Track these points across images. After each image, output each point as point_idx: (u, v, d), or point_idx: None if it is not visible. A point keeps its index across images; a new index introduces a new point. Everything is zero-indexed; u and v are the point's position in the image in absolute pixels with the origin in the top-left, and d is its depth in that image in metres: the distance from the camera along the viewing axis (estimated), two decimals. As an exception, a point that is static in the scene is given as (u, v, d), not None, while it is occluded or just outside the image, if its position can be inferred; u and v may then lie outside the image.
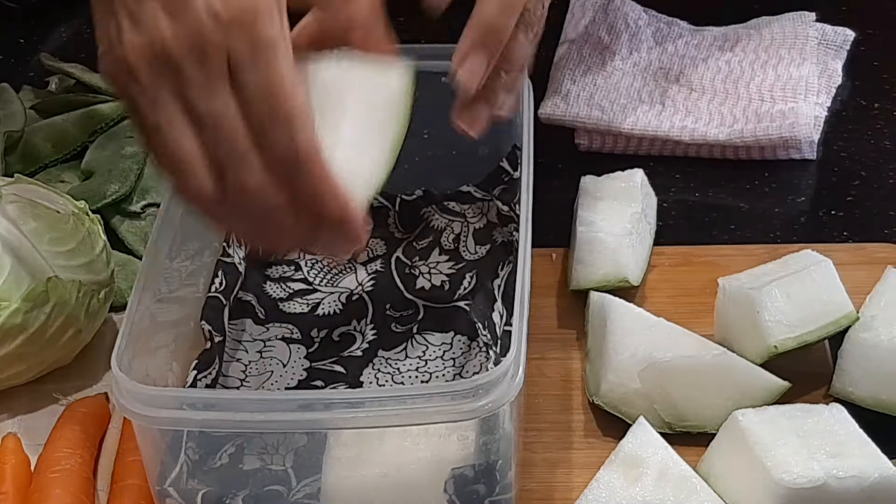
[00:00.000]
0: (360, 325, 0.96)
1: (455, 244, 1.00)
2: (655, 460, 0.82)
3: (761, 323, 0.88)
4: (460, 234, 1.01)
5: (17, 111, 1.14)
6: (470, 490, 0.79)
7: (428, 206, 1.02)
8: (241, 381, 0.92)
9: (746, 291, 0.90)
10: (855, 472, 0.79)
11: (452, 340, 0.94)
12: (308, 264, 1.00)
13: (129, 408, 0.75)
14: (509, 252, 0.95)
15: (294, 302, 0.97)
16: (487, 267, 0.97)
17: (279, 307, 0.97)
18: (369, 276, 0.99)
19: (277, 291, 0.98)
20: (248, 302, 0.97)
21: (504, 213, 0.97)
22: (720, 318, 0.93)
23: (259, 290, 0.98)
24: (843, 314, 0.90)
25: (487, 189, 1.00)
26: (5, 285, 0.89)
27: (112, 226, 1.06)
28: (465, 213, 1.01)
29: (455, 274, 0.98)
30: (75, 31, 1.32)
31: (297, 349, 0.94)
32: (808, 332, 0.89)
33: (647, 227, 1.01)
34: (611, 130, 1.12)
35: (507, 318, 0.87)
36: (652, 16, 1.22)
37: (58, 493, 0.84)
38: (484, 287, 0.95)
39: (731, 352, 0.89)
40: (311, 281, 0.99)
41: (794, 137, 1.09)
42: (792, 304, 0.89)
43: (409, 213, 1.01)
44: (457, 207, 1.01)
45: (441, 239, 1.01)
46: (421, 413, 0.74)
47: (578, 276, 0.97)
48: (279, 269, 1.00)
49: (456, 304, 0.96)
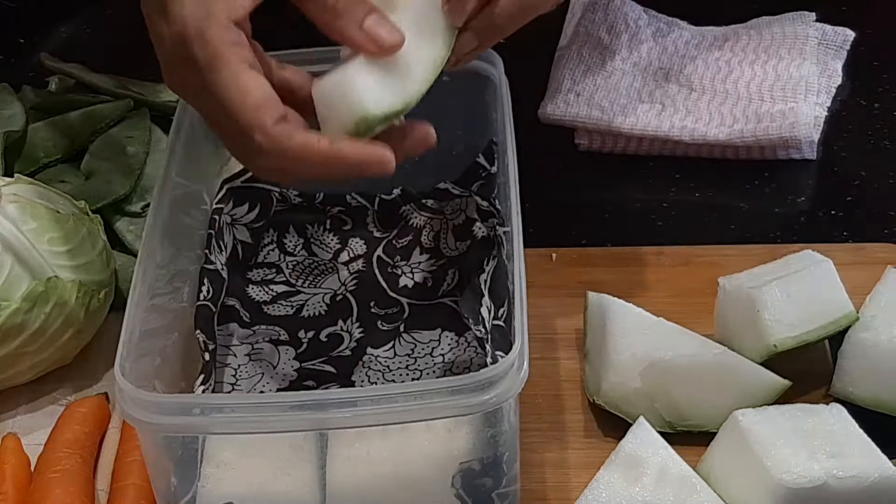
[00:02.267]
0: (347, 325, 0.96)
1: (435, 242, 1.01)
2: (655, 460, 0.82)
3: (761, 322, 0.88)
4: (440, 231, 1.01)
5: (17, 111, 1.13)
6: (477, 483, 0.79)
7: (406, 204, 1.02)
8: (233, 386, 0.92)
9: (746, 291, 0.90)
10: (855, 472, 0.79)
11: (440, 337, 0.95)
12: (289, 266, 1.00)
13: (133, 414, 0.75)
14: (492, 246, 0.95)
15: (278, 304, 0.98)
16: (471, 262, 0.97)
17: (263, 310, 0.97)
18: (352, 275, 0.99)
19: (260, 294, 0.98)
20: (233, 306, 0.97)
21: (483, 209, 0.97)
22: (720, 318, 0.93)
23: (242, 293, 0.98)
24: (843, 314, 0.90)
25: (465, 185, 1.00)
26: (5, 285, 0.89)
27: (112, 226, 1.06)
28: (443, 210, 1.01)
29: (437, 270, 0.99)
30: (75, 31, 1.32)
31: (286, 350, 0.94)
32: (808, 331, 0.89)
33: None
34: (611, 130, 1.12)
35: (495, 312, 0.88)
36: (652, 16, 1.22)
37: (58, 493, 0.84)
38: (470, 283, 0.95)
39: (731, 351, 0.89)
40: (294, 283, 0.99)
41: (794, 137, 1.09)
42: (792, 303, 0.89)
43: (388, 212, 1.02)
44: (435, 205, 1.02)
45: (421, 237, 1.01)
46: (428, 408, 0.74)
47: None
48: (260, 273, 1.00)
49: (441, 301, 0.97)
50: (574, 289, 0.99)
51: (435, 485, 0.79)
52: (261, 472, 0.80)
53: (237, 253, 0.98)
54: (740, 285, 0.91)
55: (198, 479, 0.80)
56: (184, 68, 0.77)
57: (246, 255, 0.99)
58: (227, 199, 0.97)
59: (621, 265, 1.02)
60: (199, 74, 0.76)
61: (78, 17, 1.33)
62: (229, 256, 0.97)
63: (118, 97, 1.15)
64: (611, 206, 1.09)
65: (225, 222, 0.97)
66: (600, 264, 1.02)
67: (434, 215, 1.02)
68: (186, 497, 0.80)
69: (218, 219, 0.96)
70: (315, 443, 0.80)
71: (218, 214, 0.96)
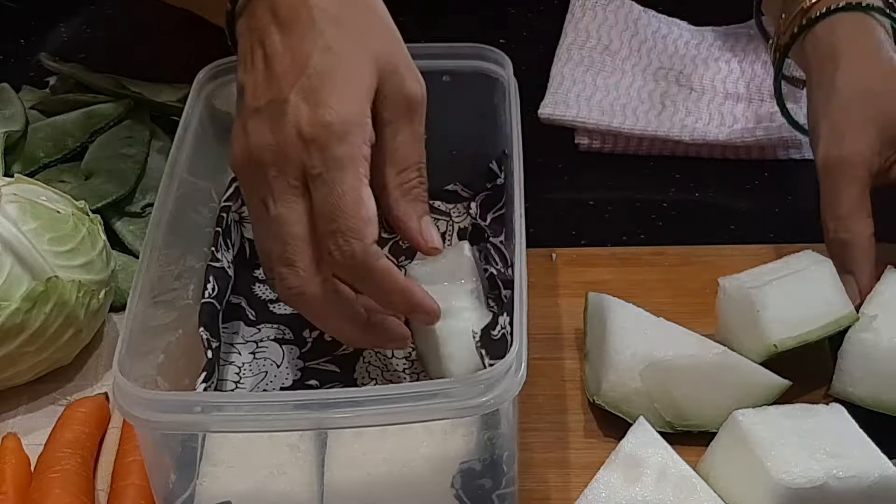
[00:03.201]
0: None
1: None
2: (655, 460, 0.82)
3: (762, 322, 0.88)
4: (445, 232, 1.01)
5: (17, 111, 1.14)
6: (477, 484, 0.79)
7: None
8: (236, 384, 0.92)
9: (747, 290, 0.90)
10: (855, 472, 0.79)
11: None
12: None
13: (132, 412, 0.75)
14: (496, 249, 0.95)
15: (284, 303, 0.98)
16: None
17: (269, 308, 0.97)
18: None
19: (266, 293, 0.98)
20: (239, 304, 0.97)
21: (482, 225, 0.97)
22: (721, 318, 0.93)
23: (248, 291, 0.98)
24: (843, 314, 0.90)
25: (474, 188, 1.00)
26: (5, 285, 0.89)
27: (112, 226, 1.06)
28: (450, 212, 1.02)
29: None
30: (75, 31, 1.32)
31: (291, 350, 0.94)
32: (809, 331, 0.89)
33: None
34: (611, 130, 1.12)
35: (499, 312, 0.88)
36: (652, 16, 1.22)
37: (58, 493, 0.84)
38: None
39: (731, 351, 0.89)
40: None
41: (794, 137, 1.10)
42: (792, 303, 0.89)
43: None
44: (442, 206, 1.02)
45: None
46: (427, 409, 0.74)
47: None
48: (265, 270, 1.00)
49: None
50: (574, 289, 0.99)
51: (434, 485, 0.79)
52: (259, 471, 0.80)
53: (244, 251, 0.98)
54: (740, 285, 0.91)
55: (196, 477, 0.80)
56: (291, 149, 0.79)
57: (253, 254, 0.99)
58: (236, 197, 0.96)
59: (621, 265, 1.02)
60: (312, 163, 0.78)
61: (78, 17, 1.33)
62: (236, 254, 0.97)
63: (118, 97, 1.15)
64: (611, 206, 1.09)
65: (233, 220, 0.97)
66: (600, 264, 1.02)
67: (441, 216, 1.02)
68: (185, 495, 0.80)
69: (226, 216, 0.95)
70: (314, 442, 0.80)
71: (226, 212, 0.96)
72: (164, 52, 1.22)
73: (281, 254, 0.80)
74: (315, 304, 0.81)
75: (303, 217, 0.79)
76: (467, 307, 0.89)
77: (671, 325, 0.91)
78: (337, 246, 0.78)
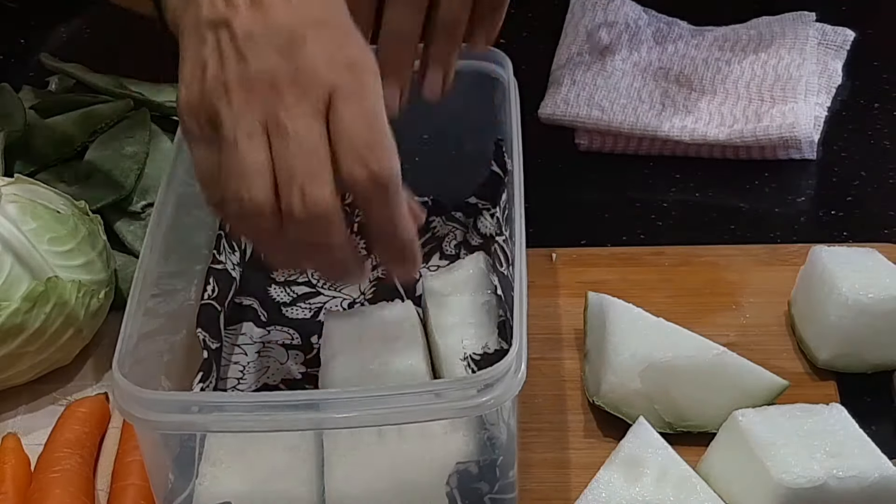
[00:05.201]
0: None
1: (457, 250, 1.01)
2: (655, 460, 0.82)
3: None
4: (462, 241, 1.01)
5: (17, 111, 1.13)
6: (473, 487, 0.79)
7: (438, 216, 1.02)
8: (238, 380, 0.92)
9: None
10: (855, 472, 0.79)
11: None
12: None
13: (130, 412, 0.75)
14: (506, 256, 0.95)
15: (297, 307, 0.98)
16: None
17: (282, 311, 0.97)
18: (371, 283, 0.99)
19: (281, 295, 0.98)
20: (249, 306, 0.97)
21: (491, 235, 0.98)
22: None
23: (263, 293, 0.98)
24: None
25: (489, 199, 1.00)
26: (5, 285, 0.89)
27: (112, 226, 1.05)
28: (467, 224, 1.02)
29: None
30: (75, 31, 1.32)
31: (296, 355, 0.94)
32: None
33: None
34: (611, 130, 1.12)
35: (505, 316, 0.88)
36: (652, 16, 1.22)
37: (58, 493, 0.84)
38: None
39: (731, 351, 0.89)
40: (315, 283, 0.99)
41: (794, 137, 1.09)
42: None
43: None
44: (462, 217, 1.02)
45: (443, 244, 1.01)
46: (425, 409, 0.74)
47: None
48: (284, 273, 1.00)
49: None
50: (574, 289, 0.99)
51: (431, 486, 0.79)
52: (258, 472, 0.80)
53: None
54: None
55: (195, 477, 0.80)
56: (322, 72, 0.76)
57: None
58: None
59: (621, 265, 1.02)
60: (342, 82, 0.76)
61: (78, 17, 1.33)
62: (248, 257, 0.97)
63: (118, 97, 1.15)
64: (611, 206, 1.09)
65: None
66: (600, 264, 1.02)
67: (458, 226, 1.02)
68: (184, 495, 0.80)
69: None
70: (313, 442, 0.80)
71: None
72: (164, 52, 1.22)
73: (306, 169, 0.75)
74: (334, 220, 0.77)
75: (325, 136, 0.76)
76: (473, 323, 0.90)
77: (671, 326, 0.91)
78: (366, 164, 0.75)
